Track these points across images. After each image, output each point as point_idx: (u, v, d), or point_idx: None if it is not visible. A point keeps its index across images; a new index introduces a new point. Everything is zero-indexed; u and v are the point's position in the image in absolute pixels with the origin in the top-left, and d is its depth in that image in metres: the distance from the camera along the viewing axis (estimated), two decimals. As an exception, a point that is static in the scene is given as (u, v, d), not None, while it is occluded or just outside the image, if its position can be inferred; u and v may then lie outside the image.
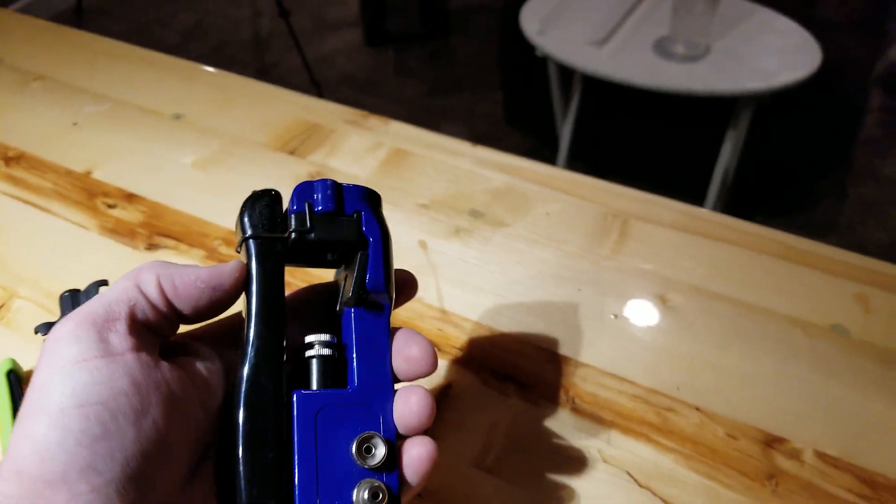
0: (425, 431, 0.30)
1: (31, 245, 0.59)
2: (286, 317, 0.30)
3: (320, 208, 0.32)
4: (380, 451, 0.28)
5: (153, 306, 0.28)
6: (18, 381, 0.46)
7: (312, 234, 0.31)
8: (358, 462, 0.28)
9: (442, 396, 0.47)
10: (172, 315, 0.29)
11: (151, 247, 0.58)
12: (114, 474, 0.23)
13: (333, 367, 0.30)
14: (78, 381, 0.24)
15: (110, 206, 0.62)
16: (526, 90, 2.10)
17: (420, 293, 0.52)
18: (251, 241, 0.30)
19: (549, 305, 0.52)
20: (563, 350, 0.49)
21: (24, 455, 0.23)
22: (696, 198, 1.51)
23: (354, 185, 0.34)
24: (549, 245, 0.56)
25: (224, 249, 0.57)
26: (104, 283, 0.52)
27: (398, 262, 0.53)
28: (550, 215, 0.58)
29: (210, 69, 0.79)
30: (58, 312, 0.52)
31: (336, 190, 0.33)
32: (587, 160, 1.82)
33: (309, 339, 0.31)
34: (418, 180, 0.63)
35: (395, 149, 0.66)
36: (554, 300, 0.52)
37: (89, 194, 0.63)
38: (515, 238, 0.57)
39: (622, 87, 1.38)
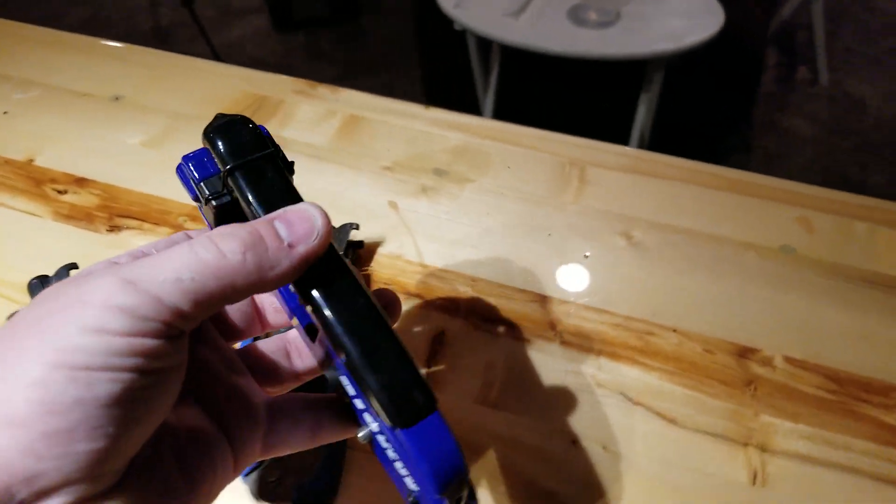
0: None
1: (-18, 236, 0.57)
2: None
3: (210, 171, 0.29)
4: None
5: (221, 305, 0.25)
6: None
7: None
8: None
9: (437, 344, 0.49)
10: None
11: (114, 228, 0.57)
12: (118, 439, 0.22)
13: None
14: (114, 350, 0.22)
15: (61, 192, 0.60)
16: (444, 65, 2.12)
17: (399, 250, 0.54)
18: (239, 170, 0.28)
19: (524, 251, 0.55)
20: (544, 290, 0.52)
21: (30, 402, 0.21)
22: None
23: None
24: (514, 196, 0.59)
25: (191, 225, 0.57)
26: (74, 266, 0.51)
27: (373, 224, 0.55)
28: (511, 168, 0.61)
29: (141, 48, 0.77)
30: (21, 299, 0.51)
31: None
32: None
33: None
34: (377, 144, 0.64)
35: (348, 115, 0.67)
36: (527, 246, 0.55)
37: (35, 182, 0.61)
38: (482, 192, 0.59)
39: (540, 56, 1.42)
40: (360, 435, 0.27)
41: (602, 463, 0.43)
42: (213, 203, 0.28)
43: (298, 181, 0.29)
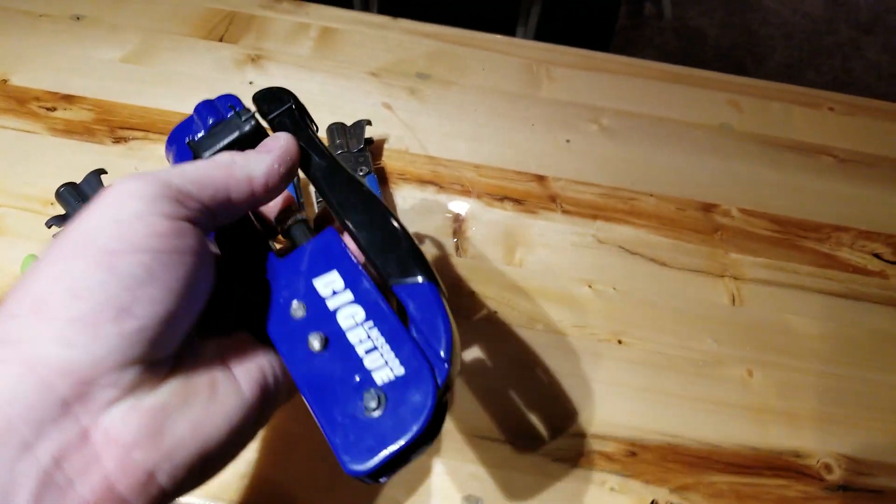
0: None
1: (-13, 153, 0.53)
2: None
3: (207, 126, 0.31)
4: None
5: (232, 205, 0.26)
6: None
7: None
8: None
9: (457, 223, 0.52)
10: (249, 209, 0.27)
11: (119, 140, 0.55)
12: (150, 322, 0.21)
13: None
14: (136, 230, 0.22)
15: (50, 109, 0.57)
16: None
17: (403, 145, 0.57)
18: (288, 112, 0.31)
19: (514, 139, 0.58)
20: (539, 170, 0.56)
21: (55, 291, 0.20)
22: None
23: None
24: (494, 93, 0.62)
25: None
26: (103, 171, 0.49)
27: (374, 125, 0.56)
28: (486, 70, 0.64)
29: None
30: (45, 209, 0.49)
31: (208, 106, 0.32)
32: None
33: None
34: (358, 53, 0.64)
35: (322, 27, 0.66)
36: (515, 135, 0.58)
37: (18, 101, 0.57)
38: (465, 90, 0.62)
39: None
40: (314, 342, 0.26)
41: (614, 300, 0.48)
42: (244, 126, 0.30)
43: (293, 87, 0.33)
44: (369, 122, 0.54)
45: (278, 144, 0.28)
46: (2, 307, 0.21)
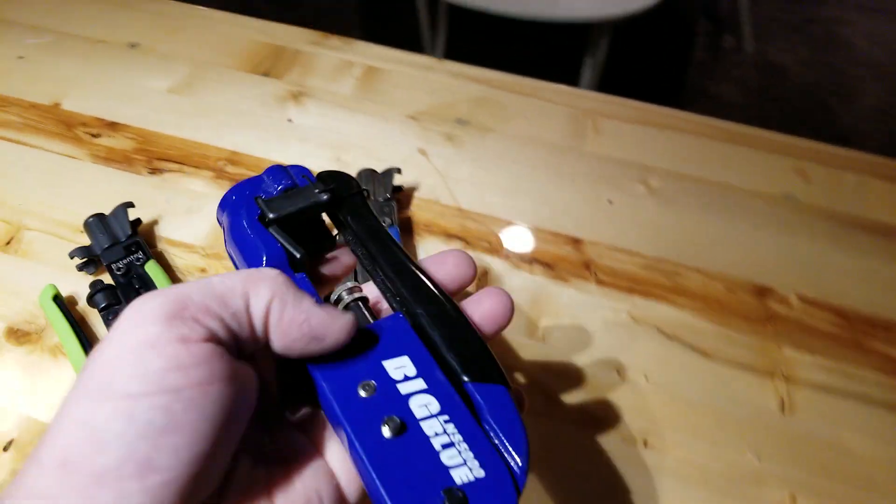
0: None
1: (21, 179, 0.51)
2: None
3: (279, 188, 0.30)
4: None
5: (250, 326, 0.23)
6: (65, 305, 0.41)
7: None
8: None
9: (482, 283, 0.47)
10: (262, 341, 0.23)
11: (155, 171, 0.53)
12: (175, 473, 0.19)
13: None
14: (150, 365, 0.20)
15: (94, 136, 0.55)
16: (389, 26, 2.04)
17: (434, 195, 0.52)
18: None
19: (552, 195, 0.53)
20: (576, 233, 0.50)
21: (77, 443, 0.19)
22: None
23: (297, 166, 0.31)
24: (536, 144, 0.57)
25: (231, 168, 0.53)
26: (130, 205, 0.47)
27: (406, 171, 0.52)
28: (530, 119, 0.59)
29: (152, -4, 0.70)
30: (74, 237, 0.47)
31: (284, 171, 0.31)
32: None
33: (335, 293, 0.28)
34: (399, 94, 0.60)
35: (367, 66, 0.63)
36: (554, 191, 0.53)
37: (66, 125, 0.56)
38: (504, 139, 0.57)
39: (487, 16, 1.38)
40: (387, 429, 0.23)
41: (645, 392, 0.42)
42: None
43: (331, 127, 0.34)
44: (399, 171, 0.50)
45: (331, 315, 0.23)
46: (33, 453, 0.20)
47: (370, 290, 0.29)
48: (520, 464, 0.23)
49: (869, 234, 0.51)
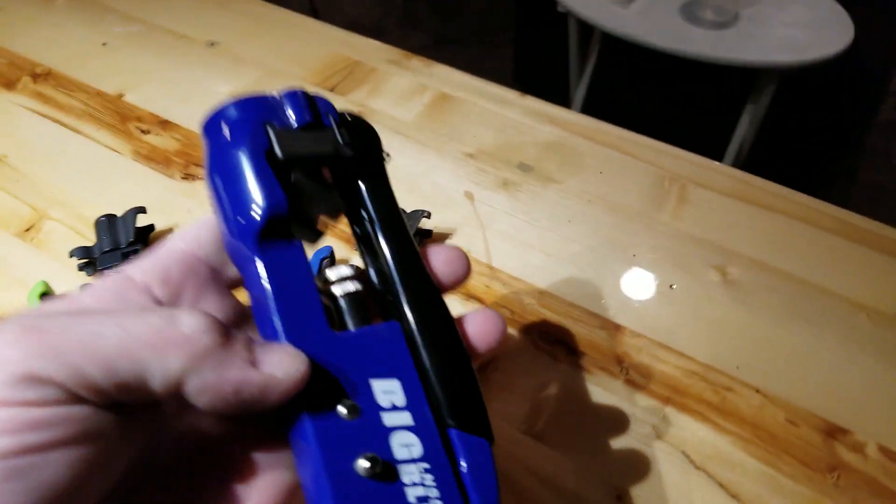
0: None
1: (61, 166, 0.53)
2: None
3: (299, 122, 0.24)
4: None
5: (144, 394, 0.19)
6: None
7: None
8: None
9: (489, 358, 0.42)
10: (162, 403, 0.20)
11: (188, 177, 0.53)
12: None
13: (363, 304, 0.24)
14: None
15: (144, 132, 0.56)
16: (539, 48, 2.00)
17: (468, 245, 0.48)
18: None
19: (603, 269, 0.47)
20: (617, 317, 0.44)
21: None
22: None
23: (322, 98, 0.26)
24: (602, 205, 0.51)
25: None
26: (142, 210, 0.47)
27: (445, 213, 0.48)
28: (604, 174, 0.53)
29: (247, -4, 0.72)
30: (90, 235, 0.47)
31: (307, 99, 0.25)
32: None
33: (332, 273, 0.24)
34: (464, 127, 0.57)
35: (439, 93, 0.60)
36: (607, 264, 0.47)
37: (122, 118, 0.58)
38: (567, 195, 0.52)
39: (642, 50, 1.31)
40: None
41: (650, 530, 0.36)
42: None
43: None
44: (427, 215, 0.47)
45: (269, 375, 0.20)
46: None
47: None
48: None
49: None
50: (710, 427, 0.39)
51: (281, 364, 0.20)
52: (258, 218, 0.22)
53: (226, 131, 0.23)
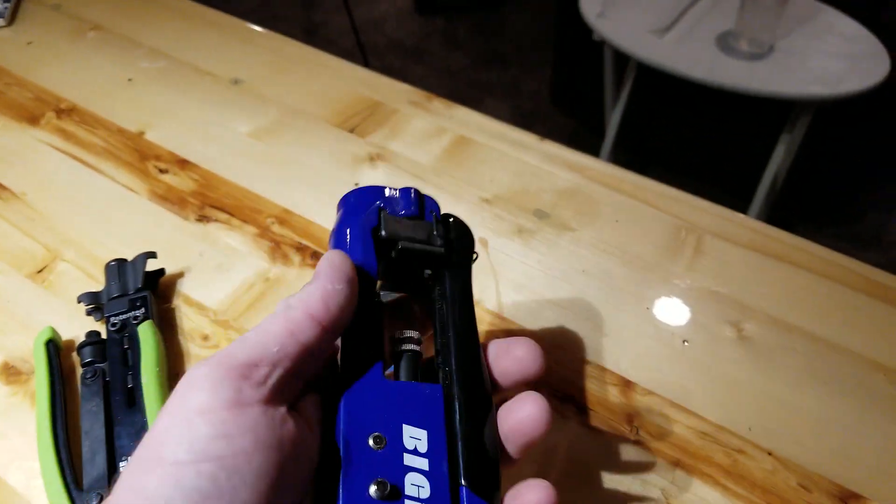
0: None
1: (79, 204, 0.56)
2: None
3: (406, 213, 0.32)
4: None
5: (302, 348, 0.25)
6: (57, 352, 0.44)
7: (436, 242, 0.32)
8: None
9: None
10: (328, 343, 0.26)
11: (202, 218, 0.55)
12: None
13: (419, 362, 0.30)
14: (198, 433, 0.22)
15: (162, 171, 0.59)
16: (576, 72, 2.03)
17: (478, 295, 0.49)
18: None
19: (616, 323, 0.48)
20: (629, 374, 0.45)
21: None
22: (742, 200, 1.45)
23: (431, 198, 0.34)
24: (617, 255, 0.52)
25: (277, 228, 0.54)
26: (153, 255, 0.49)
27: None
28: (620, 223, 0.54)
29: (269, 32, 0.74)
30: (100, 278, 0.49)
31: (418, 196, 0.33)
32: (633, 150, 1.75)
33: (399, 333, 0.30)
34: (482, 172, 0.58)
35: (458, 136, 0.62)
36: (621, 317, 0.48)
37: (141, 156, 0.60)
38: (582, 244, 0.53)
39: (677, 80, 1.32)
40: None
41: None
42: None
43: None
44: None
45: (325, 264, 0.27)
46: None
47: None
48: None
49: None
50: (720, 491, 0.40)
51: (326, 258, 0.28)
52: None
53: (349, 207, 0.32)
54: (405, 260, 0.31)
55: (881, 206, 1.77)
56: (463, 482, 0.26)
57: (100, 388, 0.41)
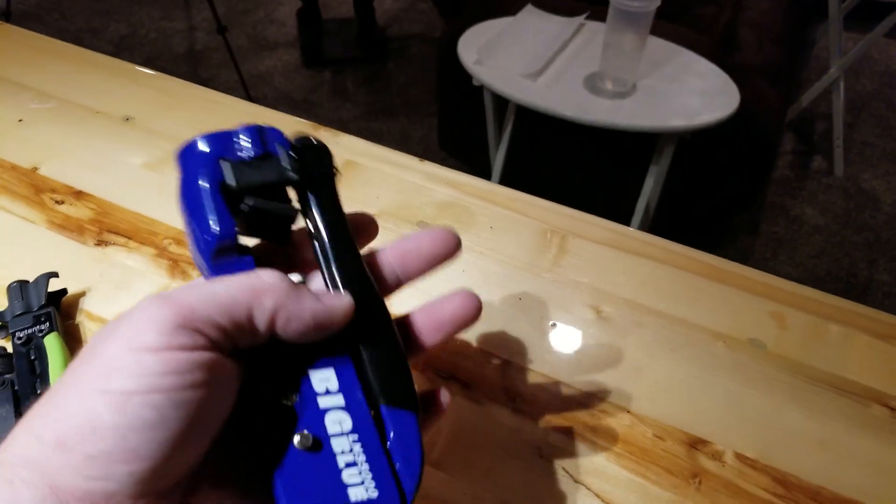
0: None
1: (-26, 237, 0.57)
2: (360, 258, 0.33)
3: (252, 154, 0.31)
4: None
5: (251, 333, 0.27)
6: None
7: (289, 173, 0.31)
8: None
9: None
10: (263, 341, 0.28)
11: (101, 243, 0.57)
12: (155, 462, 0.23)
13: None
14: (149, 368, 0.24)
15: (58, 203, 0.61)
16: (460, 117, 2.14)
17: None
18: (314, 181, 0.32)
19: (492, 312, 0.54)
20: (505, 354, 0.51)
21: (75, 428, 0.23)
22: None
23: (272, 128, 0.33)
24: (492, 256, 0.58)
25: (174, 248, 0.57)
26: (54, 275, 0.51)
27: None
28: (494, 229, 0.61)
29: (155, 73, 0.78)
30: (2, 301, 0.51)
31: (259, 133, 0.32)
32: (518, 187, 1.85)
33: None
34: (367, 191, 0.64)
35: (345, 160, 0.67)
36: (496, 308, 0.54)
37: (36, 189, 0.62)
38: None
39: (554, 119, 1.43)
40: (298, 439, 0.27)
41: (535, 539, 0.41)
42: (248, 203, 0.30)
43: None
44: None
45: (331, 306, 0.28)
46: (28, 423, 0.24)
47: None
48: (413, 488, 0.27)
49: (839, 394, 0.50)
50: (586, 445, 0.46)
51: (335, 299, 0.29)
52: (211, 241, 0.29)
53: (190, 163, 0.30)
54: (267, 201, 0.30)
55: (747, 228, 1.95)
56: (381, 401, 0.28)
57: (10, 396, 0.43)
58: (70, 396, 0.24)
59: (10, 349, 0.46)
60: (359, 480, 0.26)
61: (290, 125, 0.71)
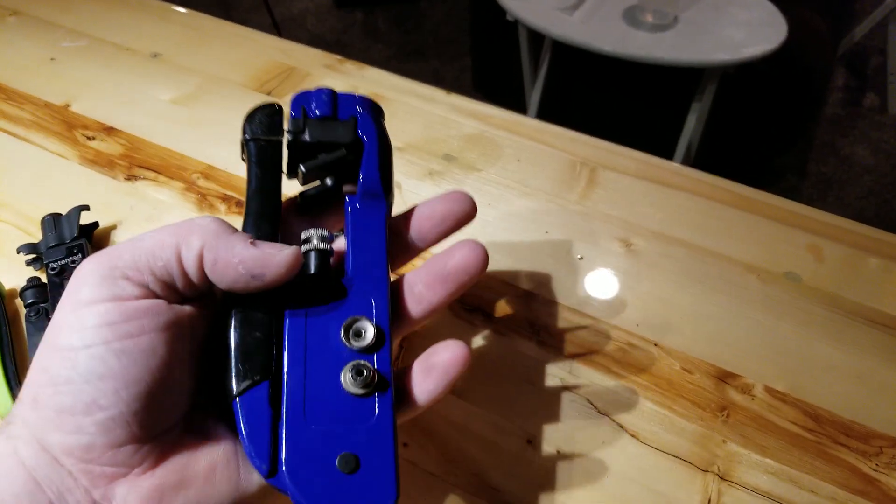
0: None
1: (11, 172, 0.57)
2: (279, 215, 0.31)
3: (316, 113, 0.33)
4: (368, 333, 0.29)
5: (184, 274, 0.27)
6: (1, 299, 0.46)
7: (306, 136, 0.32)
8: (346, 345, 0.28)
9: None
10: (202, 286, 0.28)
11: (131, 178, 0.57)
12: (118, 410, 0.24)
13: (328, 261, 0.31)
14: (86, 322, 0.24)
15: (89, 138, 0.61)
16: (494, 56, 2.08)
17: (394, 230, 0.52)
18: (251, 143, 0.32)
19: (518, 246, 0.52)
20: (531, 287, 0.50)
21: (41, 385, 0.24)
22: (660, 165, 1.52)
23: (351, 94, 0.35)
24: (519, 190, 0.56)
25: (202, 182, 0.57)
26: (86, 207, 0.51)
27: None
28: (521, 162, 0.59)
29: (187, 10, 0.77)
30: (37, 234, 0.51)
31: (332, 97, 0.34)
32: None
33: (305, 234, 0.31)
34: (393, 124, 0.62)
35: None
36: (523, 241, 0.53)
37: (68, 126, 0.62)
38: (487, 182, 0.57)
39: (591, 54, 1.38)
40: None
41: (554, 467, 0.41)
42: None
43: None
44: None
45: (267, 253, 0.27)
46: (24, 385, 0.25)
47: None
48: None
49: (873, 328, 0.47)
50: (611, 377, 0.45)
51: (275, 247, 0.27)
52: None
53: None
54: (318, 169, 0.33)
55: (794, 167, 1.88)
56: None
57: (44, 324, 0.43)
58: (37, 358, 0.25)
59: (44, 279, 0.47)
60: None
61: (319, 58, 0.70)
